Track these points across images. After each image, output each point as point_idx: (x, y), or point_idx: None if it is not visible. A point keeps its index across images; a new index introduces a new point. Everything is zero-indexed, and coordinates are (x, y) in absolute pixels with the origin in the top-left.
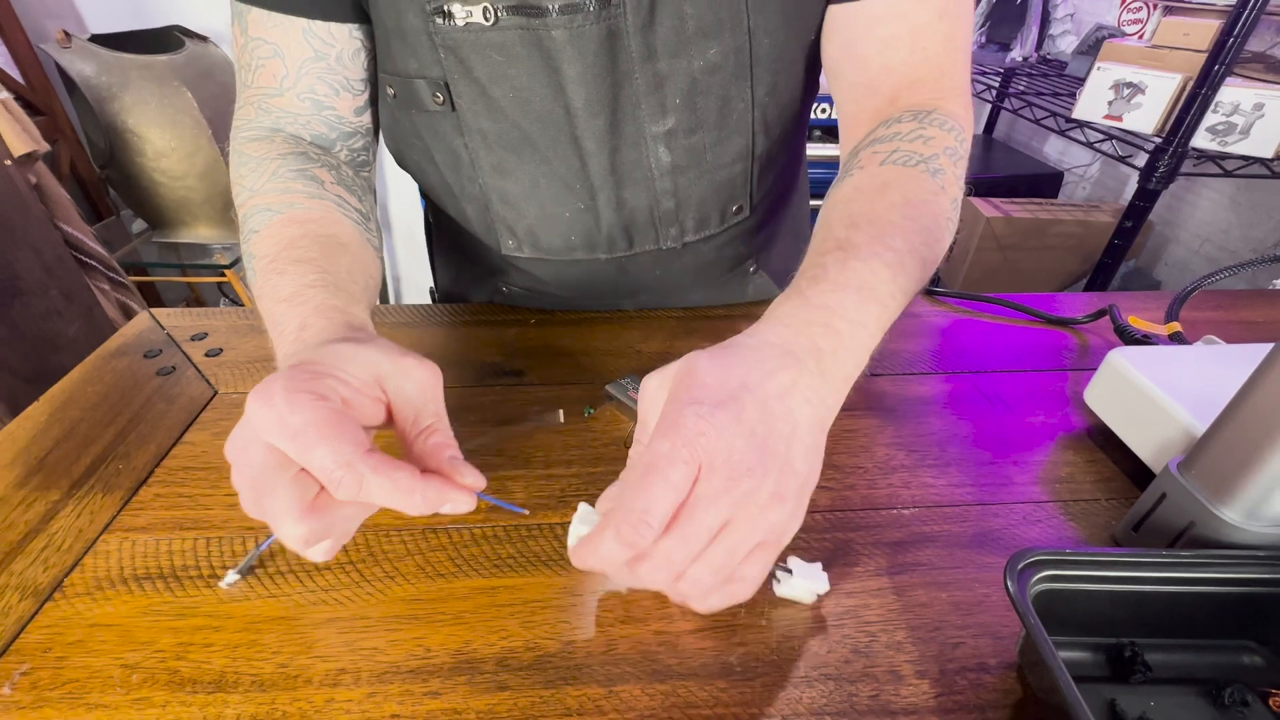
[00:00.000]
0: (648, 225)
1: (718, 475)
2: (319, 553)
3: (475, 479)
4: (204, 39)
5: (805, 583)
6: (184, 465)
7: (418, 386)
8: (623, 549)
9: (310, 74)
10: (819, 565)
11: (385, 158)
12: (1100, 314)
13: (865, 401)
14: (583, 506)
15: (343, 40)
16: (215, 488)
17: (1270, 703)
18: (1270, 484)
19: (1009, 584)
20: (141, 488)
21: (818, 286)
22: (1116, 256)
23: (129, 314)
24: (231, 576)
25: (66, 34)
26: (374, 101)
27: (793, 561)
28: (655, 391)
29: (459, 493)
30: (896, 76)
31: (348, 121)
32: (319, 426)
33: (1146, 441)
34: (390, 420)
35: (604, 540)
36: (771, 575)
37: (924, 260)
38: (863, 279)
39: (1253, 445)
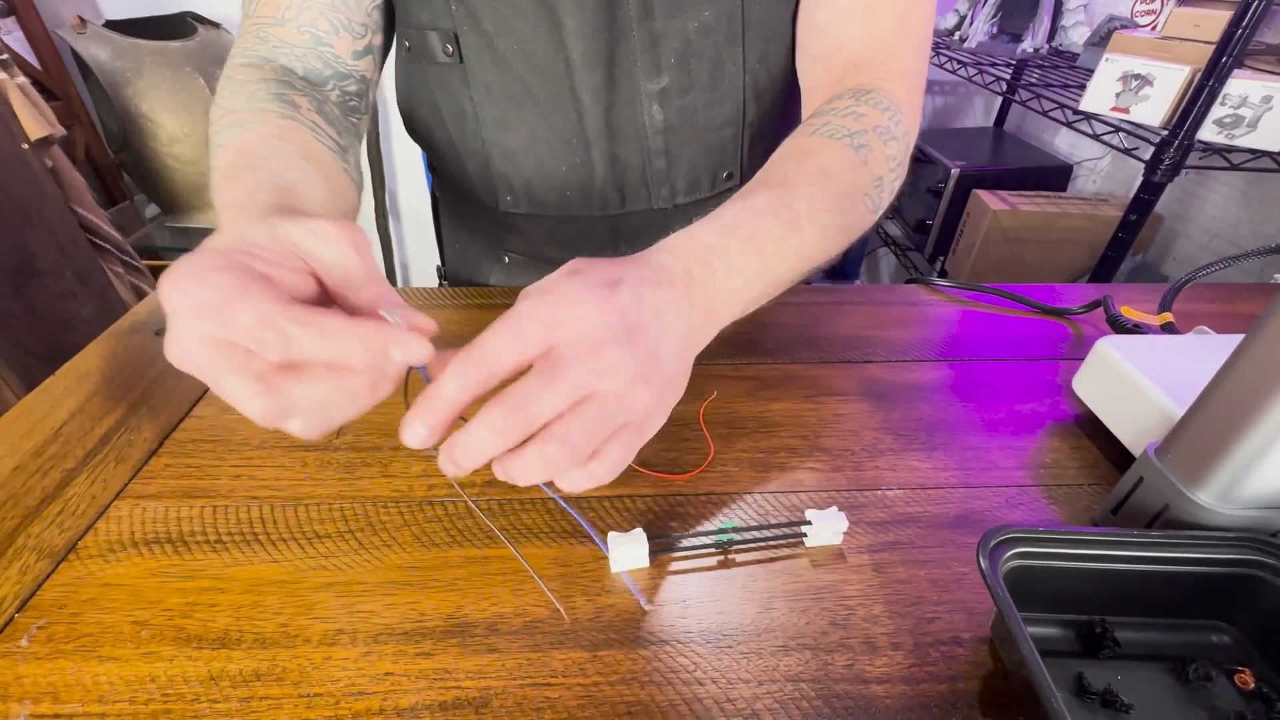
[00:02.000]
0: (640, 183)
1: (585, 342)
2: (296, 428)
3: (427, 322)
4: (216, 25)
5: (829, 525)
6: (192, 438)
7: (334, 247)
8: (463, 387)
9: (313, 8)
10: (834, 508)
11: (391, 148)
12: (1095, 305)
13: (857, 387)
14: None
15: None
16: (222, 459)
17: (1236, 679)
18: (1241, 467)
19: (981, 560)
20: (152, 458)
21: (708, 226)
22: (1120, 250)
23: (142, 297)
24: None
25: (82, 19)
26: (374, 50)
27: (809, 513)
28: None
29: (403, 333)
30: (847, 53)
31: (344, 62)
32: (233, 295)
33: (1129, 428)
34: (325, 290)
35: (445, 380)
36: (800, 534)
37: (827, 228)
38: (753, 230)
39: (1225, 430)
